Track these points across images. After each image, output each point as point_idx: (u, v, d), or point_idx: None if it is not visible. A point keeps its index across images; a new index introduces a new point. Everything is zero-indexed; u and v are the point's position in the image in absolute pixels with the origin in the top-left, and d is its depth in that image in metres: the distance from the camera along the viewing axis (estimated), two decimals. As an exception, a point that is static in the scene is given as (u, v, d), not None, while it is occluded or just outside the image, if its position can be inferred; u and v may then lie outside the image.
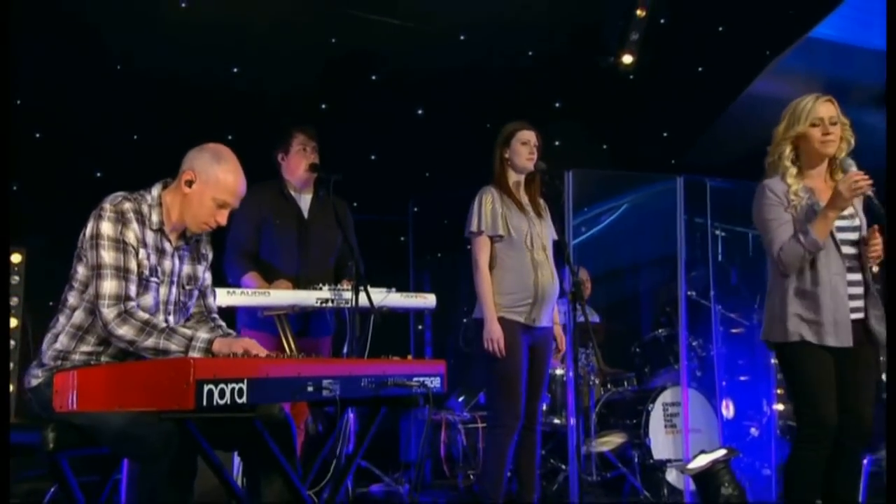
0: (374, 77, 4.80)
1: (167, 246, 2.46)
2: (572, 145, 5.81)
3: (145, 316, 2.27)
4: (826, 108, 2.94)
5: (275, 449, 1.99)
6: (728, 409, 5.75)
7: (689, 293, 5.50)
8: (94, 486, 2.40)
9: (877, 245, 2.89)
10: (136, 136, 4.65)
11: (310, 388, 1.86)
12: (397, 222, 5.96)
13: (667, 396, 5.11)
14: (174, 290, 2.48)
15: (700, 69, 5.76)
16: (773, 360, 6.16)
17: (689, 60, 5.56)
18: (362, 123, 4.88)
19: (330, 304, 3.47)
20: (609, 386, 5.67)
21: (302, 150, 3.84)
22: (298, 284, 3.63)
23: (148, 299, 2.37)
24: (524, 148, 3.68)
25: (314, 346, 3.83)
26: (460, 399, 5.69)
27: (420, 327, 6.55)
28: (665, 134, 6.21)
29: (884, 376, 5.53)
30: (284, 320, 3.45)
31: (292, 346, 3.45)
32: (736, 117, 6.40)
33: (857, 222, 2.98)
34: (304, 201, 3.92)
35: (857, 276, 2.95)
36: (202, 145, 2.52)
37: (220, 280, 3.68)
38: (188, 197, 2.42)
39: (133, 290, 2.30)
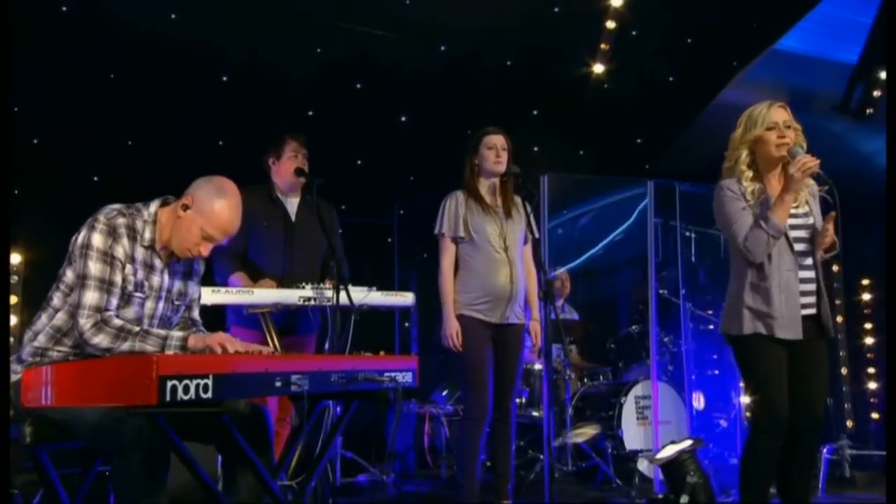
0: (358, 85, 4.75)
1: (157, 262, 2.43)
2: (550, 151, 5.78)
3: (119, 322, 2.23)
4: (780, 114, 2.94)
5: (242, 442, 1.94)
6: (699, 402, 5.75)
7: (661, 292, 5.48)
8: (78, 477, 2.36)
9: (828, 232, 2.85)
10: (130, 142, 4.59)
11: (278, 384, 1.82)
12: (384, 225, 5.92)
13: (638, 390, 5.10)
14: (161, 304, 2.44)
15: (671, 79, 5.74)
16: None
17: (660, 70, 5.54)
18: (349, 130, 4.83)
19: (312, 303, 3.42)
20: (586, 380, 5.66)
21: (293, 157, 3.81)
22: (283, 284, 3.59)
23: (130, 312, 2.33)
24: (490, 152, 3.66)
25: (300, 343, 3.80)
26: (444, 393, 5.66)
27: (407, 324, 6.52)
28: (639, 140, 6.19)
29: (842, 369, 5.54)
30: (268, 318, 3.41)
31: (276, 342, 3.40)
32: (706, 125, 6.39)
33: (810, 220, 2.96)
34: (292, 205, 3.88)
35: (810, 274, 2.92)
36: (212, 176, 2.47)
37: (209, 279, 3.65)
38: (180, 220, 2.38)
39: (114, 302, 2.27)
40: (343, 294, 3.41)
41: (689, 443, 3.89)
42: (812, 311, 2.90)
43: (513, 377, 3.68)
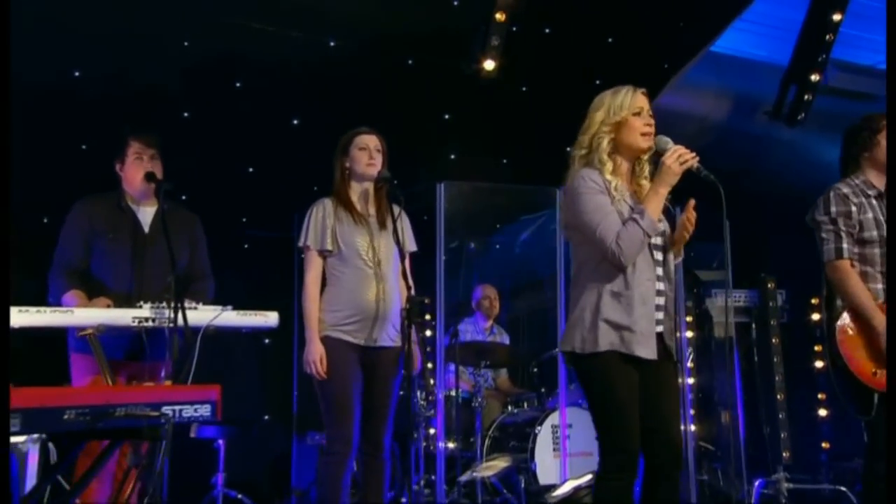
0: (238, 84, 4.47)
1: None
2: (469, 159, 5.55)
3: None
4: (644, 101, 2.70)
5: None
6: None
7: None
8: None
9: (689, 225, 2.65)
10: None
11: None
12: (289, 238, 5.63)
13: (556, 418, 4.83)
14: None
15: (598, 82, 5.50)
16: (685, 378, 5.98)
17: (584, 72, 5.30)
18: (233, 134, 4.55)
19: (150, 324, 3.13)
20: (510, 407, 5.41)
21: (138, 160, 3.53)
22: (133, 303, 3.30)
23: None
24: (362, 154, 3.43)
25: (150, 370, 3.49)
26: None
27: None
28: (568, 149, 5.94)
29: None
30: (96, 341, 3.10)
31: (105, 369, 3.10)
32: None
33: (662, 226, 2.70)
34: (145, 214, 3.60)
35: (662, 286, 2.67)
36: None
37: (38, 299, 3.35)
38: None
39: None
40: (195, 314, 3.17)
41: (587, 478, 3.65)
42: (661, 328, 2.65)
43: (385, 406, 3.41)
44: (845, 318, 3.05)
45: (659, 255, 2.67)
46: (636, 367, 2.56)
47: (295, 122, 4.72)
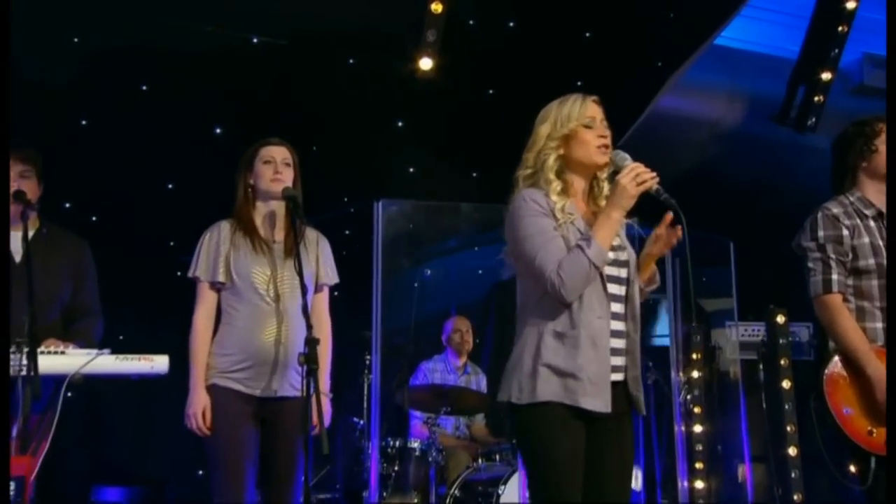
0: (144, 87, 4.25)
1: None
2: (432, 173, 5.32)
3: None
4: (597, 110, 2.49)
5: None
6: (636, 481, 5.35)
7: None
8: None
9: (661, 239, 2.45)
10: None
11: None
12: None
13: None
14: None
15: (579, 83, 5.25)
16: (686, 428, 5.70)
17: (560, 73, 5.06)
18: (144, 145, 4.33)
19: (-2, 371, 2.89)
20: (480, 460, 5.12)
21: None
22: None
23: None
24: (267, 168, 3.17)
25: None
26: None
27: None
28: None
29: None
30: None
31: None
32: (643, 139, 5.93)
33: (624, 255, 2.47)
34: (16, 241, 3.38)
35: (621, 326, 2.43)
36: None
37: None
38: None
39: None
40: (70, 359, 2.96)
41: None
42: (620, 375, 2.41)
43: (290, 468, 3.11)
44: (836, 365, 2.75)
45: (617, 289, 2.44)
46: (585, 423, 2.33)
47: (218, 130, 4.49)
